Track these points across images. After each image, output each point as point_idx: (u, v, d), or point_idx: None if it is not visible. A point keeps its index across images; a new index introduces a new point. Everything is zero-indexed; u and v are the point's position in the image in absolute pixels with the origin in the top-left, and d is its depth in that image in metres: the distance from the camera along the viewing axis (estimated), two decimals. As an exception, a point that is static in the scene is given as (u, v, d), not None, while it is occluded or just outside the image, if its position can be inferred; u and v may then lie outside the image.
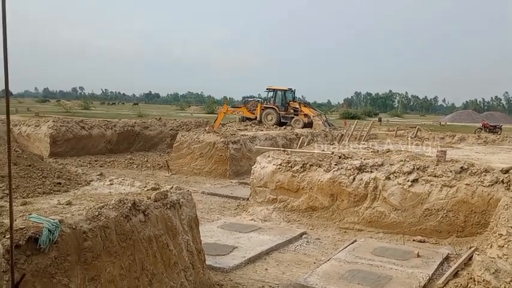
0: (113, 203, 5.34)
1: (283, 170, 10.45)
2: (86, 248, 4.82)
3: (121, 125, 22.12)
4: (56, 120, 20.42)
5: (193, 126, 24.67)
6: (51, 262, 4.52)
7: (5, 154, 6.06)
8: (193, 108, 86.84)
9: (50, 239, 4.39)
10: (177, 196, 6.35)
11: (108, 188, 6.58)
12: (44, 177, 6.33)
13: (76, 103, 74.02)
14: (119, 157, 19.87)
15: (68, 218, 4.85)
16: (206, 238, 7.92)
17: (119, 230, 5.22)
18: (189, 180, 15.59)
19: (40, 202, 5.59)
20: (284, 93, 29.97)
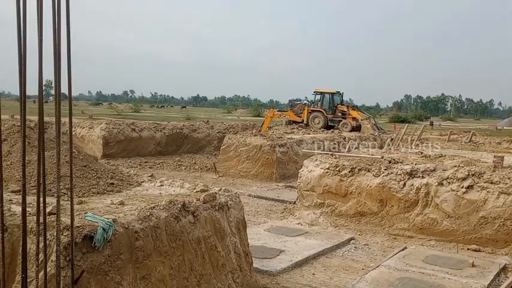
0: (164, 204, 5.44)
1: (330, 174, 10.32)
2: (137, 247, 4.94)
3: (170, 128, 22.59)
4: (109, 122, 21.13)
5: (240, 129, 24.84)
6: (105, 260, 4.65)
7: (63, 155, 6.31)
8: (240, 111, 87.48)
9: (104, 238, 4.52)
10: (226, 198, 6.39)
11: (159, 189, 6.72)
12: (98, 177, 6.54)
13: (127, 106, 76.32)
14: (167, 159, 20.28)
15: (120, 217, 4.99)
16: (253, 241, 7.92)
17: (169, 231, 5.31)
18: (236, 183, 15.69)
19: (95, 202, 5.78)
20: (332, 96, 29.64)
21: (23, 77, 3.05)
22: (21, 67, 3.03)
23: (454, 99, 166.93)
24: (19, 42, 2.99)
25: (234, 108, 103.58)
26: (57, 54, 3.04)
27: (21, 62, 3.03)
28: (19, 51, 3.02)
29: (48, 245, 3.88)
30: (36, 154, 5.89)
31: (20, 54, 3.01)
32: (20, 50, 3.01)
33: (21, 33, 2.99)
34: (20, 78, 3.05)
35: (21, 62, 3.03)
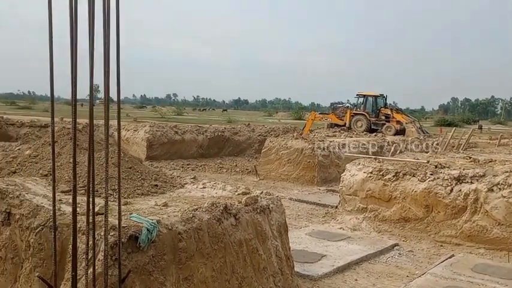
0: (206, 206, 5.49)
1: (374, 179, 10.12)
2: (180, 248, 5.01)
3: (212, 131, 22.85)
4: (152, 125, 21.62)
5: (281, 132, 24.80)
6: (149, 260, 4.74)
7: (109, 156, 6.49)
8: (281, 114, 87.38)
9: (149, 238, 4.61)
10: (267, 201, 6.38)
11: (201, 191, 6.79)
12: (143, 179, 6.68)
13: (170, 109, 77.75)
14: (209, 161, 20.51)
15: (164, 218, 5.07)
16: (294, 245, 7.87)
17: (211, 233, 5.36)
18: (277, 186, 15.66)
19: (139, 203, 5.91)
20: (375, 99, 29.12)
21: (74, 82, 3.15)
22: (73, 72, 3.13)
23: (505, 102, 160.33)
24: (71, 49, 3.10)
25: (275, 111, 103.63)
26: (106, 59, 3.13)
27: (73, 67, 3.13)
28: (71, 58, 3.13)
29: (96, 244, 3.99)
30: (85, 155, 6.09)
31: (72, 60, 3.12)
32: (72, 56, 3.12)
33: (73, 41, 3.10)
34: (72, 83, 3.16)
35: (73, 67, 3.13)
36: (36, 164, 7.42)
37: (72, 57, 3.12)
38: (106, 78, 3.23)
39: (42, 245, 5.37)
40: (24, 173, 7.32)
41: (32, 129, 19.74)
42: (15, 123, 20.20)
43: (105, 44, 3.19)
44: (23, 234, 5.73)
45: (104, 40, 3.20)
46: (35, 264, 5.47)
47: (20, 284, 5.73)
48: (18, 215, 5.81)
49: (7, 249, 5.96)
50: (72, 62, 3.14)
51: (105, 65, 3.21)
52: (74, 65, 3.14)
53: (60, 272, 4.33)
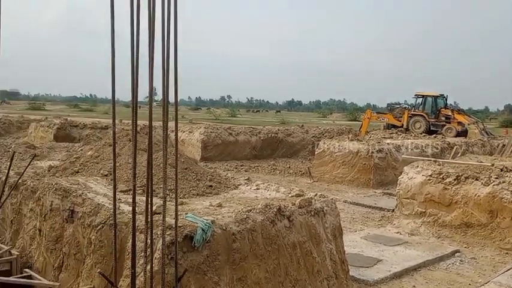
0: (260, 207, 5.49)
1: (433, 182, 9.74)
2: (234, 249, 5.03)
3: (265, 132, 22.91)
4: (207, 126, 21.98)
5: (335, 133, 24.47)
6: (204, 260, 4.80)
7: (167, 158, 6.65)
8: (336, 116, 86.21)
9: (204, 238, 4.67)
10: (321, 204, 6.29)
11: (255, 193, 6.81)
12: (198, 179, 6.79)
13: (224, 111, 78.82)
14: (262, 163, 20.57)
15: (219, 219, 5.12)
16: (349, 248, 7.72)
17: (265, 234, 5.35)
18: (331, 188, 15.46)
19: (194, 203, 6.01)
20: (435, 100, 28.04)
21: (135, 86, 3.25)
22: (133, 76, 3.22)
23: None
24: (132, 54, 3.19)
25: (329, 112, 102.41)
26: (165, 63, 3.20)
27: (133, 71, 3.22)
28: (132, 62, 3.23)
29: (152, 242, 4.09)
30: (143, 156, 6.26)
31: (133, 64, 3.21)
32: (133, 61, 3.21)
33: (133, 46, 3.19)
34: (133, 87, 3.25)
35: (133, 71, 3.23)
36: (97, 164, 7.73)
37: (133, 61, 3.21)
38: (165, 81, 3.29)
39: (103, 242, 5.57)
40: (86, 172, 7.65)
41: (93, 131, 20.68)
42: (78, 125, 21.21)
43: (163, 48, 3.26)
44: (85, 231, 5.98)
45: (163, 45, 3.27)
46: (95, 261, 5.69)
47: (82, 279, 5.98)
48: (81, 213, 6.07)
49: (70, 246, 6.25)
50: (132, 66, 3.24)
51: (163, 68, 3.28)
52: (135, 69, 3.23)
53: (118, 269, 4.47)
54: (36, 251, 7.00)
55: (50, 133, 19.83)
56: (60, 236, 6.47)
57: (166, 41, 3.28)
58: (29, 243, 7.23)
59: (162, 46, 3.30)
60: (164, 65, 3.28)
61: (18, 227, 7.75)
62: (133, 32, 3.20)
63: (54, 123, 20.71)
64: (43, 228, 6.83)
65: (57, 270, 6.45)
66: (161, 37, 3.28)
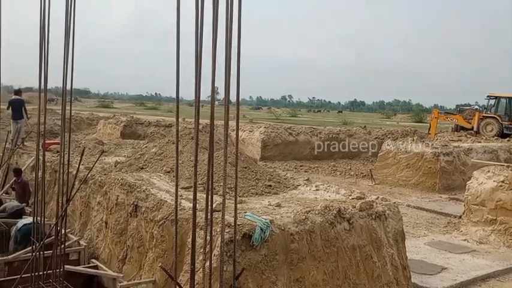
0: (319, 208, 5.41)
1: (506, 188, 9.17)
2: (292, 249, 4.99)
3: (326, 132, 22.63)
4: (267, 126, 22.04)
5: (399, 135, 23.69)
6: (262, 259, 4.80)
7: (228, 156, 6.72)
8: (400, 117, 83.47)
9: (262, 237, 4.67)
10: (383, 207, 6.11)
11: (314, 194, 6.73)
12: (257, 179, 6.81)
13: (285, 111, 78.77)
14: (322, 163, 20.32)
15: (277, 219, 5.10)
16: (411, 254, 7.44)
17: (324, 236, 5.27)
18: (394, 192, 14.99)
19: (253, 202, 6.03)
20: (509, 101, 26.41)
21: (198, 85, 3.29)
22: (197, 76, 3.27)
23: None
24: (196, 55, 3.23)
25: (393, 113, 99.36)
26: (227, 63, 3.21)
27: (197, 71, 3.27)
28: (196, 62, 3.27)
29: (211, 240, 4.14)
30: (204, 154, 6.36)
31: (196, 64, 3.26)
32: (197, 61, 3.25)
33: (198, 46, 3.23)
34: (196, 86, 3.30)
35: (197, 71, 3.27)
36: (161, 161, 7.97)
37: (197, 62, 3.25)
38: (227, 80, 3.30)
39: (164, 237, 5.73)
40: (150, 169, 7.90)
41: (157, 128, 21.33)
42: (143, 123, 21.97)
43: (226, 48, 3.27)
44: (147, 225, 6.18)
45: (226, 45, 3.28)
46: (157, 255, 5.86)
47: (144, 271, 6.18)
48: (144, 207, 6.27)
49: (134, 239, 6.48)
50: (196, 66, 3.28)
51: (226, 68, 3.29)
52: (198, 69, 3.27)
53: (178, 264, 4.56)
54: (102, 242, 7.33)
55: (117, 130, 20.71)
56: (125, 229, 6.73)
57: (229, 41, 3.29)
58: (95, 235, 7.58)
59: (226, 46, 3.31)
60: (227, 64, 3.29)
61: (86, 219, 8.16)
62: (198, 33, 3.24)
63: (121, 120, 21.60)
64: (109, 221, 7.14)
65: (121, 262, 6.71)
66: (224, 37, 3.29)
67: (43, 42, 4.89)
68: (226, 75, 3.32)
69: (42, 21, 4.88)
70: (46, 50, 4.90)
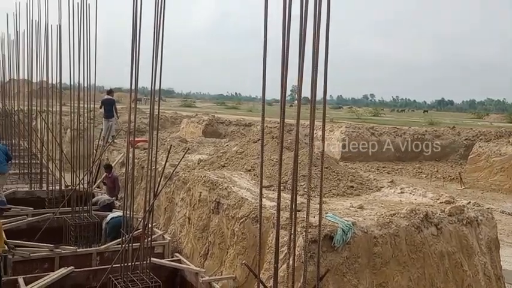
0: (405, 212, 5.18)
1: None
2: (375, 253, 4.82)
3: (411, 133, 21.73)
4: (348, 126, 21.59)
5: (492, 136, 22.12)
6: (343, 261, 4.69)
7: (307, 156, 6.66)
8: (493, 117, 77.95)
9: (344, 239, 4.56)
10: (475, 213, 5.72)
11: (399, 196, 6.46)
12: (339, 179, 6.67)
13: (367, 110, 76.75)
14: (406, 165, 19.54)
15: (359, 221, 4.95)
16: (506, 264, 6.91)
17: (409, 241, 5.03)
18: (485, 197, 14.03)
19: (334, 203, 5.91)
20: None
21: (284, 85, 3.26)
22: (283, 76, 3.24)
23: None
24: (283, 54, 3.20)
25: (485, 113, 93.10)
26: (315, 63, 3.13)
27: (283, 71, 3.23)
28: (282, 62, 3.24)
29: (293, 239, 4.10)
30: (284, 153, 6.34)
31: (283, 63, 3.23)
32: (284, 60, 3.22)
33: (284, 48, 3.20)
34: (282, 86, 3.27)
35: (283, 71, 3.24)
36: (242, 160, 8.08)
37: (284, 61, 3.22)
38: (313, 81, 3.22)
39: (245, 235, 5.79)
40: (231, 167, 8.04)
41: (237, 128, 21.69)
42: (224, 122, 22.45)
43: (314, 48, 3.19)
44: (229, 222, 6.28)
45: (313, 45, 3.20)
46: (238, 252, 5.94)
47: (225, 267, 6.29)
48: (226, 205, 6.39)
49: (215, 235, 6.62)
50: (282, 66, 3.25)
51: (313, 68, 3.20)
52: (284, 69, 3.24)
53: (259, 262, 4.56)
54: (185, 237, 7.57)
55: (199, 129, 21.36)
56: (207, 226, 6.90)
57: (316, 42, 3.19)
58: (179, 230, 7.86)
59: (313, 46, 3.20)
60: (314, 65, 3.18)
61: (171, 215, 8.48)
62: (285, 33, 3.19)
63: (203, 119, 22.24)
64: (192, 217, 7.36)
65: (203, 257, 6.89)
66: (312, 38, 3.19)
67: (134, 46, 5.14)
68: (313, 75, 3.22)
69: (133, 26, 5.13)
70: (137, 53, 5.15)
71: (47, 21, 10.03)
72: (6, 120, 15.94)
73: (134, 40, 5.13)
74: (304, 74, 3.32)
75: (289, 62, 3.35)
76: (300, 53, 3.14)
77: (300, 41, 3.14)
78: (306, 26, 3.12)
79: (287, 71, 3.26)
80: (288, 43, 3.23)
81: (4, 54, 16.10)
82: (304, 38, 3.12)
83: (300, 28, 3.14)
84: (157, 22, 4.88)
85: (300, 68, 3.15)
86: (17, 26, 12.88)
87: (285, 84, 3.28)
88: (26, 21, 11.63)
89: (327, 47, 3.11)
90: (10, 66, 14.72)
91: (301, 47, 3.13)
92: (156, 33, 4.94)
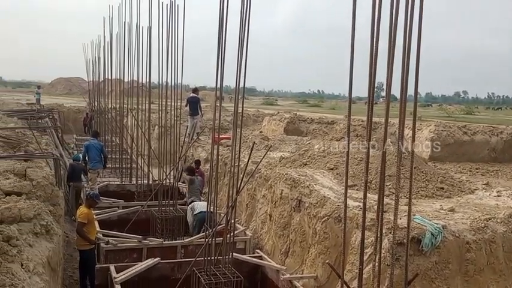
0: (502, 216, 4.81)
1: None
2: (468, 259, 4.52)
3: (508, 132, 20.12)
4: (438, 124, 20.44)
5: None
6: (432, 266, 4.44)
7: (393, 155, 6.39)
8: None
9: (432, 243, 4.32)
10: None
11: (495, 200, 5.99)
12: (427, 180, 6.33)
13: (458, 108, 72.45)
14: (503, 167, 18.08)
15: (450, 224, 4.66)
16: None
17: (507, 247, 4.65)
18: None
19: (422, 204, 5.61)
20: None
21: (372, 82, 3.14)
22: (371, 71, 3.12)
23: None
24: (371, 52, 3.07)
25: None
26: (405, 60, 2.96)
27: (372, 68, 3.10)
28: (371, 58, 3.10)
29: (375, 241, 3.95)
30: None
31: (372, 61, 3.09)
32: (372, 56, 3.08)
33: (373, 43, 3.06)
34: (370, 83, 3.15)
35: (371, 68, 3.11)
36: (324, 158, 7.95)
37: (372, 59, 3.09)
38: (404, 77, 3.04)
39: (327, 234, 5.68)
40: (313, 165, 7.95)
41: (319, 126, 21.43)
42: (306, 120, 22.30)
43: (405, 43, 3.01)
44: (310, 221, 6.21)
45: (404, 40, 3.02)
46: (319, 251, 5.85)
47: (306, 266, 6.23)
48: (308, 203, 6.32)
49: (296, 233, 6.58)
50: (371, 63, 3.12)
51: (403, 65, 3.03)
52: (373, 66, 3.11)
53: (342, 262, 4.46)
54: (266, 234, 7.61)
55: (280, 126, 21.35)
56: (288, 223, 6.88)
57: (408, 36, 3.00)
58: (260, 227, 7.92)
59: (404, 41, 3.01)
60: (404, 61, 3.00)
61: (252, 211, 8.57)
62: (374, 28, 3.05)
63: (285, 117, 22.19)
64: (273, 214, 7.38)
65: (284, 255, 6.88)
66: (403, 33, 3.00)
67: (220, 45, 5.22)
68: (403, 71, 3.03)
69: (220, 26, 5.21)
70: (223, 52, 5.22)
71: (138, 23, 10.57)
72: (100, 117, 17.03)
73: (220, 39, 5.21)
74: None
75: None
76: (390, 49, 2.97)
77: (390, 35, 2.97)
78: (397, 17, 2.95)
79: (376, 68, 3.10)
80: (377, 39, 3.07)
81: (100, 56, 17.25)
82: (395, 32, 2.95)
83: (390, 20, 2.98)
84: (243, 21, 4.92)
85: (390, 64, 2.99)
86: (111, 28, 13.68)
87: (374, 82, 3.14)
88: (118, 24, 12.32)
89: (419, 39, 2.91)
90: (105, 66, 15.72)
91: (391, 41, 2.96)
92: (242, 32, 4.97)
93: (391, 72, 3.00)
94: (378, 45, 3.05)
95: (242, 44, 5.02)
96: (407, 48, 2.93)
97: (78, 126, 24.74)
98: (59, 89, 54.17)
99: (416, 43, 2.94)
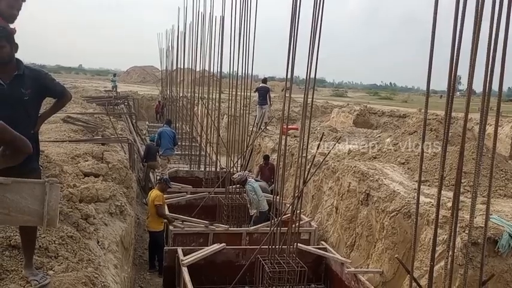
0: None
1: None
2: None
3: None
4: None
5: None
6: (508, 269, 4.22)
7: (470, 151, 6.08)
8: None
9: (510, 245, 4.10)
10: None
11: None
12: (507, 179, 5.98)
13: (546, 103, 67.29)
14: None
15: (531, 227, 4.38)
16: None
17: None
18: None
19: (500, 204, 5.31)
20: None
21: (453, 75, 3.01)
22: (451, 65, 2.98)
23: None
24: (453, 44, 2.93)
25: None
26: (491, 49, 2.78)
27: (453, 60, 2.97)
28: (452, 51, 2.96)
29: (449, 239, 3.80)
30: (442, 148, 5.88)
31: (452, 54, 2.95)
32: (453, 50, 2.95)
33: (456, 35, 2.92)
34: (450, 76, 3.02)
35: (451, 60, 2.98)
36: (395, 152, 7.73)
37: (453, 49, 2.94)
38: (488, 70, 2.86)
39: (395, 229, 5.55)
40: (383, 159, 7.75)
41: (391, 119, 20.80)
42: (377, 113, 21.72)
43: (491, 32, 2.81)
44: (378, 215, 6.08)
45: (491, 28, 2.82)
46: (386, 246, 5.72)
47: (371, 261, 6.13)
48: (376, 197, 6.19)
49: (363, 227, 6.47)
50: (452, 53, 2.97)
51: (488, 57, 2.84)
52: (454, 57, 2.96)
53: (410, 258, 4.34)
54: (331, 226, 7.56)
55: (349, 119, 20.96)
56: (355, 217, 6.79)
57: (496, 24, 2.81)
58: (325, 219, 7.87)
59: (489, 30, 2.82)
60: (489, 53, 2.81)
61: (318, 203, 8.52)
62: (457, 20, 2.90)
63: (355, 109, 21.76)
64: (339, 207, 7.30)
65: (349, 248, 6.80)
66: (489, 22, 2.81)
67: (292, 35, 5.21)
68: (487, 63, 2.83)
69: (292, 16, 5.19)
70: (295, 42, 5.21)
71: (212, 13, 10.77)
72: (172, 105, 17.62)
73: (292, 29, 5.20)
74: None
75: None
76: (474, 39, 2.80)
77: (475, 22, 2.81)
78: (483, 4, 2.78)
79: (458, 60, 2.95)
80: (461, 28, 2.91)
81: (173, 45, 17.80)
82: (480, 19, 2.78)
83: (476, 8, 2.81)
84: (316, 12, 4.87)
85: (473, 55, 2.82)
86: (185, 18, 14.03)
87: (455, 75, 3.00)
88: (192, 14, 12.64)
89: (507, 28, 2.72)
90: (178, 56, 16.21)
91: (476, 30, 2.79)
92: (314, 23, 4.93)
93: (474, 64, 2.84)
94: (462, 34, 2.89)
95: (314, 35, 4.98)
96: (494, 38, 2.75)
97: (150, 113, 25.82)
98: (134, 77, 56.64)
99: (504, 32, 2.76)
